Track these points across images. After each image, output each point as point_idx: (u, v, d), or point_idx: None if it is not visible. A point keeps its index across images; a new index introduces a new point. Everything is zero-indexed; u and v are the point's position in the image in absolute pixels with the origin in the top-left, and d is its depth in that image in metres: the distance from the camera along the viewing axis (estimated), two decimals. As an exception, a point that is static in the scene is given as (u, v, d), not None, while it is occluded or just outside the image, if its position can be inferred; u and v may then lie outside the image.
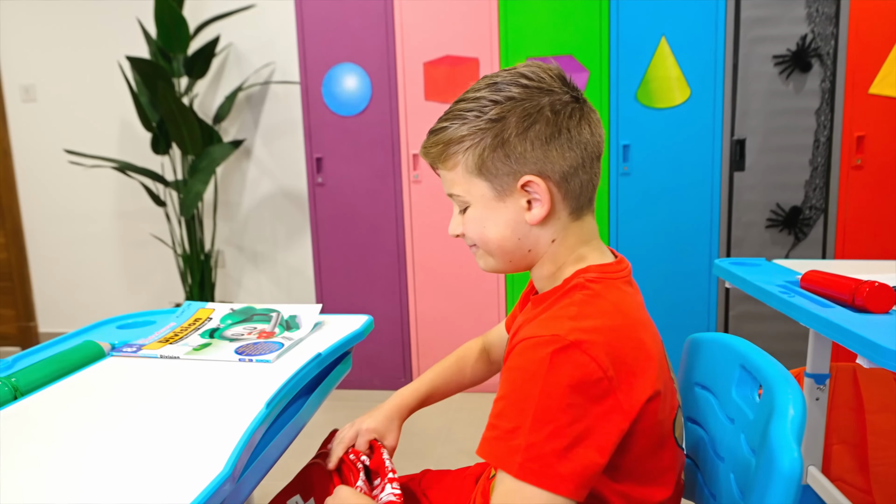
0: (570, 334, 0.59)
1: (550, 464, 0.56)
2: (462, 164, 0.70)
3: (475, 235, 0.73)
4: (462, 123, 0.70)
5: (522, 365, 0.61)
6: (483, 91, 0.70)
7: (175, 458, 0.62)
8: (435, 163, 0.74)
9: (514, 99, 0.68)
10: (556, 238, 0.71)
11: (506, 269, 0.76)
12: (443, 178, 0.74)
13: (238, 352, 0.93)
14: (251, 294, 3.11)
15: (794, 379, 0.60)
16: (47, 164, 3.13)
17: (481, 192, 0.70)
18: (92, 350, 0.94)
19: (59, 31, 3.03)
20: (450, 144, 0.71)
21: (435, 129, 0.73)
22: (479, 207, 0.72)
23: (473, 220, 0.73)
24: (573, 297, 0.66)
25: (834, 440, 1.41)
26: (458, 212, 0.75)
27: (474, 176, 0.70)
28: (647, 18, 2.18)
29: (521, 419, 0.58)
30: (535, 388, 0.58)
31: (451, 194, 0.74)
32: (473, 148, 0.69)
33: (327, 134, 2.42)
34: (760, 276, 1.20)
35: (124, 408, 0.75)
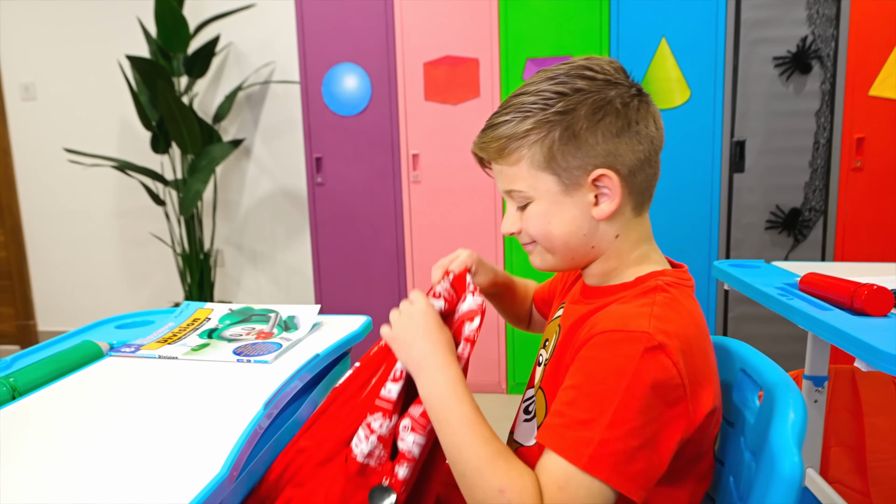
0: (658, 335, 0.58)
1: (621, 462, 0.55)
2: (527, 158, 0.68)
3: (537, 232, 0.71)
4: (525, 117, 0.67)
5: (608, 358, 0.59)
6: (544, 84, 0.67)
7: (172, 458, 0.62)
8: (494, 158, 0.71)
9: (582, 91, 0.66)
10: (620, 234, 0.70)
11: (565, 267, 0.75)
12: (500, 175, 0.72)
13: (236, 352, 0.93)
14: (250, 293, 3.11)
15: (794, 383, 0.60)
16: (47, 163, 3.13)
17: (547, 187, 0.68)
18: (90, 350, 0.94)
19: (59, 30, 3.03)
20: (512, 139, 0.68)
21: (494, 124, 0.70)
22: (543, 203, 0.69)
23: (537, 216, 0.70)
24: (654, 297, 0.64)
25: (832, 442, 1.41)
26: (516, 208, 0.72)
27: (541, 170, 0.68)
28: (648, 19, 2.18)
29: (597, 412, 0.56)
30: (619, 384, 0.56)
31: (510, 190, 0.71)
32: (541, 141, 0.67)
33: (327, 134, 2.42)
34: (759, 278, 1.20)
35: (122, 408, 0.75)
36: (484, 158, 0.73)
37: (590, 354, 0.60)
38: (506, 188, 0.71)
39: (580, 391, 0.58)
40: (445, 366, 0.67)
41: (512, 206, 0.73)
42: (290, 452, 0.73)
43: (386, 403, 0.69)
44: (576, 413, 0.57)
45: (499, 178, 0.72)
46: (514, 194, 0.71)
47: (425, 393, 0.66)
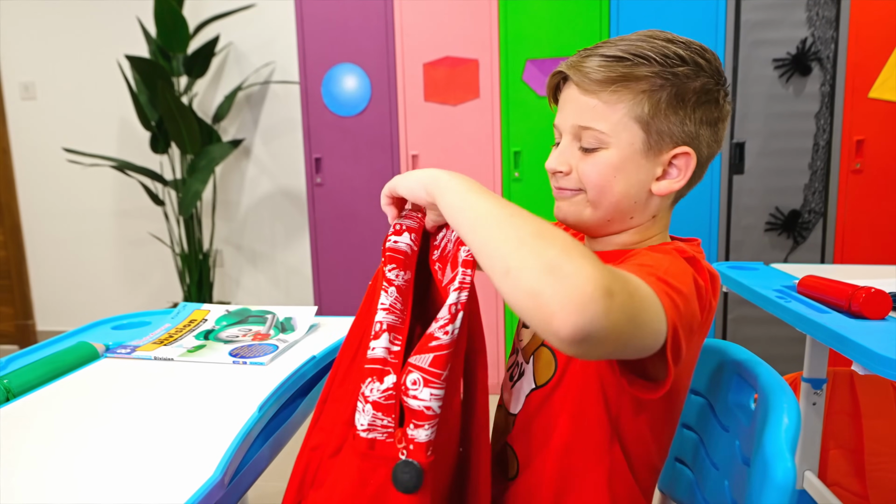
0: (689, 251, 0.62)
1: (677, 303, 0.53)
2: (628, 103, 0.65)
3: (597, 180, 0.67)
4: (643, 63, 0.64)
5: (657, 255, 0.60)
6: (662, 42, 0.65)
7: (167, 460, 0.62)
8: (591, 88, 0.66)
9: (701, 67, 0.65)
10: (657, 215, 0.70)
11: (595, 227, 0.71)
12: (581, 106, 0.67)
13: (232, 354, 0.93)
14: (249, 294, 3.11)
15: (789, 387, 0.60)
16: (46, 162, 3.13)
17: (631, 141, 0.65)
18: (86, 351, 0.94)
19: (59, 29, 3.03)
20: (625, 79, 0.64)
21: (608, 55, 0.65)
22: (620, 154, 0.66)
23: (606, 165, 0.66)
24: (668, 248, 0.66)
25: (831, 445, 1.41)
26: (577, 148, 0.68)
27: (635, 122, 0.65)
28: (647, 20, 2.18)
29: (657, 266, 0.56)
30: (674, 262, 0.58)
31: (588, 127, 0.66)
32: (650, 94, 0.64)
33: (326, 134, 2.41)
34: (758, 280, 1.20)
35: (117, 410, 0.75)
36: (572, 82, 0.68)
37: (635, 260, 0.60)
38: (582, 123, 0.67)
39: (635, 266, 0.57)
40: (465, 177, 0.60)
41: (572, 145, 0.69)
42: (305, 454, 0.68)
43: (373, 364, 0.60)
44: (638, 268, 0.56)
45: (576, 110, 0.68)
46: (590, 133, 0.66)
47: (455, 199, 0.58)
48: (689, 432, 0.79)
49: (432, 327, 0.58)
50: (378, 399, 0.59)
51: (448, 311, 0.57)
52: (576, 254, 0.46)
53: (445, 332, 0.57)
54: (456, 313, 0.57)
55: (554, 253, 0.46)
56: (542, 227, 0.50)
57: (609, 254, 0.71)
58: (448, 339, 0.56)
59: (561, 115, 0.70)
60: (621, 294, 0.46)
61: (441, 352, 0.56)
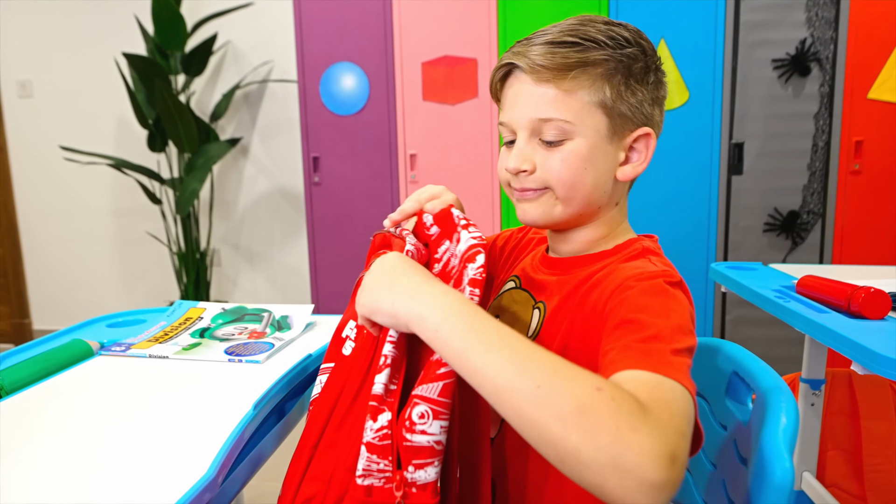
0: (675, 274, 0.59)
1: (688, 369, 0.50)
2: (588, 89, 0.62)
3: (568, 175, 0.63)
4: (596, 47, 0.62)
5: (645, 289, 0.55)
6: (608, 26, 0.64)
7: (159, 459, 0.61)
8: (548, 78, 0.62)
9: (644, 48, 0.65)
10: (620, 202, 0.69)
11: (564, 223, 0.68)
12: (536, 98, 0.63)
13: (228, 352, 0.92)
14: (246, 293, 3.10)
15: (787, 387, 0.59)
16: (43, 160, 3.12)
17: (596, 127, 0.63)
18: (79, 349, 0.93)
19: (56, 27, 3.02)
20: (583, 65, 0.61)
21: (557, 41, 0.62)
22: (587, 142, 0.63)
23: (576, 156, 0.63)
24: (646, 258, 0.64)
25: (829, 446, 1.40)
26: (538, 142, 0.65)
27: (597, 107, 0.62)
28: (647, 20, 2.17)
29: (657, 326, 0.51)
30: (665, 303, 0.54)
31: (550, 119, 0.63)
32: (608, 77, 0.62)
33: (324, 133, 2.41)
34: (756, 280, 1.20)
35: (110, 408, 0.74)
36: (523, 72, 0.64)
37: (621, 297, 0.56)
38: (543, 115, 0.63)
39: (628, 324, 0.53)
40: (444, 287, 0.52)
41: (530, 141, 0.65)
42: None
43: (373, 401, 0.54)
44: (633, 338, 0.51)
45: (531, 103, 0.64)
46: (553, 125, 0.63)
47: (436, 322, 0.49)
48: (686, 432, 0.78)
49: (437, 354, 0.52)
50: (372, 440, 0.53)
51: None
52: (626, 428, 0.40)
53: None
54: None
55: (608, 439, 0.40)
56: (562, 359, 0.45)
57: (580, 259, 0.68)
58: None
59: (512, 111, 0.66)
60: (677, 442, 0.42)
61: (449, 379, 0.51)
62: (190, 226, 2.78)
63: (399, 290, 0.53)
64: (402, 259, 0.58)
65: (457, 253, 0.61)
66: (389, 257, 0.59)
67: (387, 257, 0.59)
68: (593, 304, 0.61)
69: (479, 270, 0.56)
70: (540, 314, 0.68)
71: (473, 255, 0.58)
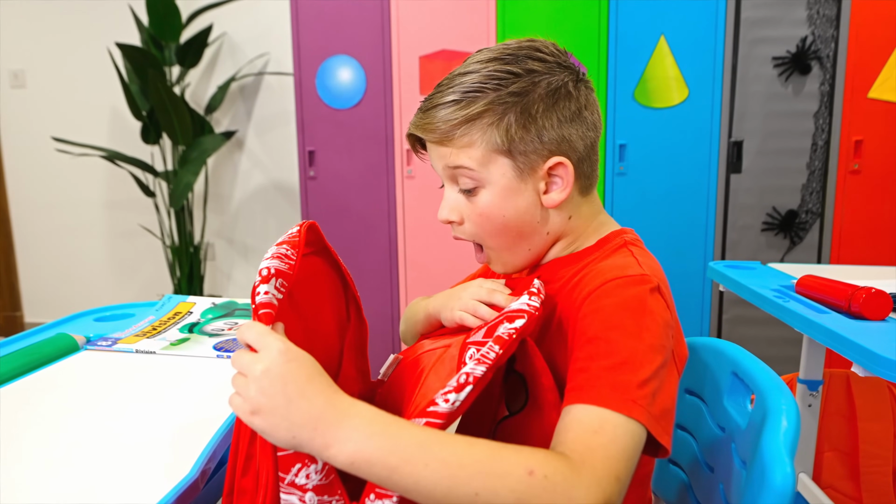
0: (653, 277, 0.59)
1: (651, 402, 0.51)
2: (481, 141, 0.63)
3: (489, 227, 0.66)
4: (476, 98, 0.63)
5: (618, 303, 0.56)
6: (492, 64, 0.63)
7: (141, 459, 0.59)
8: (440, 141, 0.65)
9: (535, 72, 0.63)
10: (573, 214, 0.68)
11: (528, 261, 0.69)
12: (440, 156, 0.66)
13: (216, 348, 0.91)
14: (241, 288, 3.08)
15: (787, 388, 0.57)
16: (36, 151, 3.08)
17: (502, 171, 0.64)
18: (65, 343, 0.91)
19: (49, 17, 2.98)
20: (465, 122, 0.63)
21: (438, 104, 0.64)
22: (496, 188, 0.64)
23: (490, 204, 0.65)
24: (625, 251, 0.64)
25: (825, 447, 1.39)
26: (458, 191, 0.66)
27: (497, 153, 0.63)
28: (647, 17, 2.15)
29: (623, 356, 0.52)
30: (637, 324, 0.54)
31: (459, 167, 0.64)
32: (497, 124, 0.62)
33: (320, 127, 2.38)
34: (755, 279, 1.18)
35: (93, 404, 0.72)
36: (422, 141, 0.68)
37: (597, 305, 0.57)
38: (451, 164, 0.65)
39: (599, 341, 0.54)
40: (347, 407, 0.47)
41: (452, 190, 0.67)
42: None
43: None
44: (601, 363, 0.52)
45: (441, 158, 0.66)
46: (462, 172, 0.65)
47: (349, 455, 0.45)
48: (682, 432, 0.77)
49: (437, 393, 0.50)
50: (319, 482, 0.49)
51: (457, 380, 0.50)
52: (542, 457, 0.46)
53: (446, 399, 0.49)
54: (464, 384, 0.50)
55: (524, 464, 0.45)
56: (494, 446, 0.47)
57: (563, 260, 0.68)
58: (447, 407, 0.49)
59: (433, 163, 0.69)
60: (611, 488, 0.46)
61: (435, 419, 0.48)
62: (184, 219, 2.75)
63: (298, 421, 0.46)
64: (294, 361, 0.48)
65: (510, 306, 0.59)
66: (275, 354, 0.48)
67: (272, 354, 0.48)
68: (571, 303, 0.61)
69: (512, 331, 0.54)
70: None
71: (516, 317, 0.56)
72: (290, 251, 0.59)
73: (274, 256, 0.57)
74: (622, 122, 2.21)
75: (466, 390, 0.49)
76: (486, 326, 0.58)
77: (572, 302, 0.61)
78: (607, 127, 2.22)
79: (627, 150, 2.22)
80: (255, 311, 0.52)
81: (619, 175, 2.24)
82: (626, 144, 2.22)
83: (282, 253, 0.58)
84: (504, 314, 0.57)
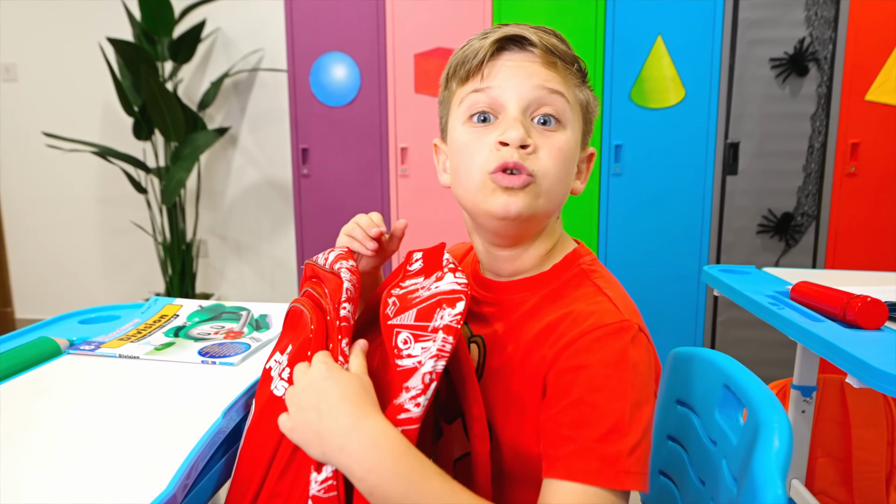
0: (633, 318, 0.55)
1: (644, 462, 0.51)
2: (575, 88, 0.62)
3: (553, 167, 0.59)
4: (576, 56, 0.63)
5: (600, 360, 0.52)
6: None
7: (119, 470, 0.58)
8: (558, 64, 0.59)
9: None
10: (558, 215, 0.66)
11: (534, 226, 0.62)
12: (540, 76, 0.59)
13: (201, 353, 0.89)
14: (234, 286, 3.06)
15: (780, 404, 0.56)
16: (27, 146, 3.05)
17: (577, 127, 0.62)
18: (46, 347, 0.89)
19: (42, 10, 2.94)
20: (577, 62, 0.62)
21: (557, 34, 0.62)
22: (572, 135, 0.61)
23: (566, 146, 0.59)
24: (593, 283, 0.60)
25: (819, 453, 1.38)
26: (532, 120, 0.60)
27: (580, 109, 0.62)
28: (644, 16, 2.14)
29: (611, 423, 0.50)
30: (622, 383, 0.51)
31: (556, 90, 0.59)
32: (584, 85, 0.63)
33: (314, 124, 2.36)
34: (750, 285, 1.17)
35: (72, 411, 0.71)
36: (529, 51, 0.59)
37: (577, 362, 0.53)
38: (553, 87, 0.59)
39: (584, 406, 0.51)
40: (381, 436, 0.49)
41: (523, 118, 0.59)
42: None
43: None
44: (589, 433, 0.50)
45: (539, 76, 0.59)
46: (556, 99, 0.59)
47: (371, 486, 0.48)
48: (673, 444, 0.76)
49: (402, 398, 0.51)
50: (317, 493, 0.51)
51: (421, 381, 0.51)
52: None
53: (416, 403, 0.50)
54: (429, 384, 0.51)
55: None
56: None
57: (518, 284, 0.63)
58: (419, 412, 0.50)
59: (510, 81, 0.59)
60: None
61: (410, 426, 0.50)
62: (176, 216, 2.73)
63: (328, 438, 0.50)
64: (329, 380, 0.53)
65: (432, 289, 0.58)
66: (315, 374, 0.54)
67: (313, 373, 0.54)
68: (543, 354, 0.57)
69: (458, 318, 0.54)
70: (479, 352, 0.64)
71: (454, 300, 0.55)
72: (357, 283, 0.64)
73: (350, 282, 0.62)
74: (618, 123, 2.20)
75: (432, 388, 0.51)
76: (416, 309, 0.57)
77: (546, 342, 0.57)
78: (603, 127, 2.20)
79: (623, 151, 2.21)
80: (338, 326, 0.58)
81: (615, 175, 2.22)
82: (622, 145, 2.20)
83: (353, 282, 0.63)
84: (438, 296, 0.56)
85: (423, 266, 0.66)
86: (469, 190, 0.61)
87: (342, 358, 0.57)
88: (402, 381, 0.52)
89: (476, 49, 0.60)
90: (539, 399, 0.56)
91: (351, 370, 0.56)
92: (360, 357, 0.57)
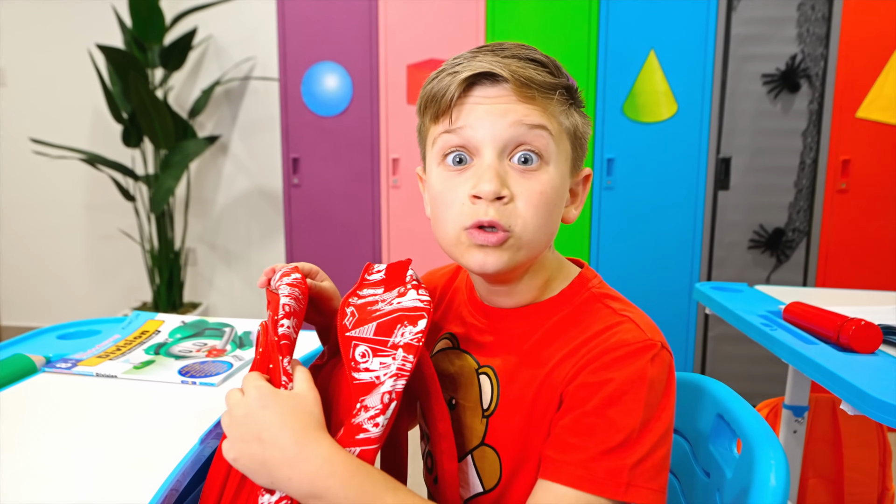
0: (655, 337, 0.54)
1: (653, 477, 0.50)
2: (559, 116, 0.56)
3: (538, 208, 0.54)
4: (560, 74, 0.57)
5: (621, 377, 0.51)
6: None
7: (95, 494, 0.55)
8: (537, 96, 0.54)
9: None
10: (552, 244, 0.62)
11: (520, 268, 0.58)
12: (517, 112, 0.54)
13: (182, 372, 0.86)
14: (223, 294, 3.02)
15: (775, 438, 0.54)
16: (15, 152, 3.01)
17: (566, 157, 0.57)
18: (20, 364, 0.86)
19: (31, 14, 2.91)
20: (557, 88, 0.55)
21: (535, 59, 0.56)
22: (559, 171, 0.56)
23: (551, 183, 0.55)
24: (608, 305, 0.58)
25: (810, 474, 1.37)
26: (510, 162, 0.55)
27: (567, 136, 0.57)
28: (637, 31, 2.14)
29: (623, 436, 0.50)
30: (637, 400, 0.50)
31: (537, 124, 0.54)
32: (572, 109, 0.58)
33: (305, 134, 2.34)
34: (742, 304, 1.16)
35: (46, 432, 0.68)
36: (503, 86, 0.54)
37: (598, 378, 0.52)
38: (532, 122, 0.54)
39: (598, 419, 0.50)
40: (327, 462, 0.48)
41: (499, 162, 0.54)
42: None
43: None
44: (598, 444, 0.50)
45: (515, 114, 0.54)
46: (538, 137, 0.54)
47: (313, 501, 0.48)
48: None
49: (360, 417, 0.50)
50: None
51: (380, 400, 0.50)
52: None
53: (375, 423, 0.50)
54: (389, 403, 0.50)
55: None
56: None
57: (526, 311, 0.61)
58: (378, 431, 0.49)
59: (483, 120, 0.54)
60: None
61: (369, 446, 0.49)
62: (164, 224, 2.70)
63: (273, 468, 0.49)
64: (268, 408, 0.51)
65: (393, 304, 0.57)
66: (252, 401, 0.52)
67: (248, 401, 0.52)
68: (564, 373, 0.55)
69: (419, 336, 0.52)
70: (492, 383, 0.61)
71: (416, 318, 0.54)
72: (300, 296, 0.62)
73: (290, 296, 0.60)
74: (610, 136, 2.19)
75: (391, 408, 0.50)
76: (376, 322, 0.55)
77: (563, 374, 0.56)
78: (595, 141, 2.20)
79: (615, 165, 2.20)
80: (276, 343, 0.56)
81: (607, 189, 2.22)
82: (614, 158, 2.20)
83: (295, 296, 0.61)
84: (399, 312, 0.55)
85: (384, 278, 0.64)
86: (445, 242, 0.58)
87: (285, 378, 0.55)
88: (359, 395, 0.52)
89: (445, 86, 0.56)
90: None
91: (295, 389, 0.54)
92: (303, 373, 0.56)
